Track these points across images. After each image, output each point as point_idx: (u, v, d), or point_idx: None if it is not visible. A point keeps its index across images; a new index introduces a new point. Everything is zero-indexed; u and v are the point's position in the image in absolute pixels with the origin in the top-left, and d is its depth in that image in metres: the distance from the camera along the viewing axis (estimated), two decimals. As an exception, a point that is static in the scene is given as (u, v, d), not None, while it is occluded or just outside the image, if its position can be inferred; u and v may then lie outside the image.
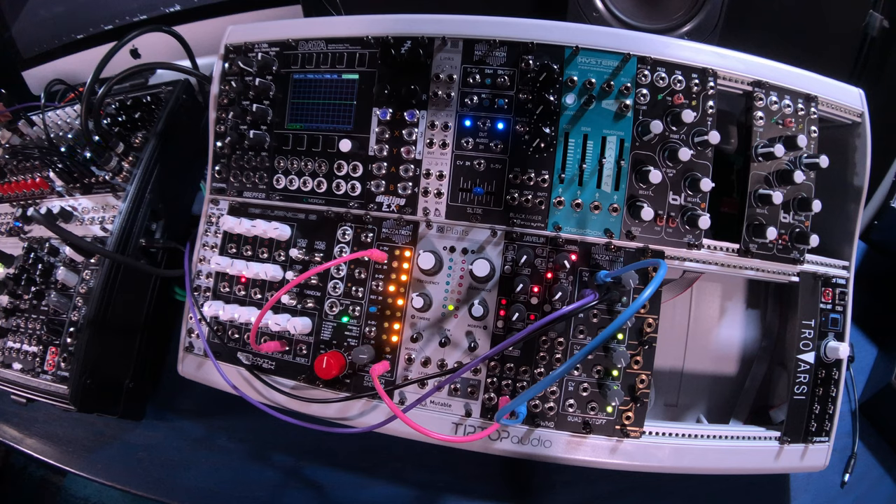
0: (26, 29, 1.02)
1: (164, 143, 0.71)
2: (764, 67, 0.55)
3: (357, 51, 0.58)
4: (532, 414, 0.53)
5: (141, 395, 0.72)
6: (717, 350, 0.63)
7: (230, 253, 0.62)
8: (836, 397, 0.57)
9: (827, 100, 0.57)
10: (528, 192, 0.54)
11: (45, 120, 0.81)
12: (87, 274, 0.65)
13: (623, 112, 0.53)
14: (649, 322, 0.53)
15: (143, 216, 0.68)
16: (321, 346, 0.58)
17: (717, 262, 0.54)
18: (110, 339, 0.65)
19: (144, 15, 0.95)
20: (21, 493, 1.41)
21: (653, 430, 0.54)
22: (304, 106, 0.60)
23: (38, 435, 0.76)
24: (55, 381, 0.63)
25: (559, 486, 0.65)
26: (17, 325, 0.69)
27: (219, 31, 0.65)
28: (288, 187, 0.60)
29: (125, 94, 0.77)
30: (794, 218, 0.55)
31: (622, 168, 0.53)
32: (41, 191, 0.75)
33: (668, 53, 0.53)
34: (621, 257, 0.53)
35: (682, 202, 0.53)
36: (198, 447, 0.71)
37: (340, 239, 0.58)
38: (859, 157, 0.59)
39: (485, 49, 0.55)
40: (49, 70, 1.01)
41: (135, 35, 0.69)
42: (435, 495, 0.66)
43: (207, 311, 0.60)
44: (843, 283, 0.58)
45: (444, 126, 0.55)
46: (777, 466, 0.56)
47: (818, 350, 0.57)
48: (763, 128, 0.55)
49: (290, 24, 0.62)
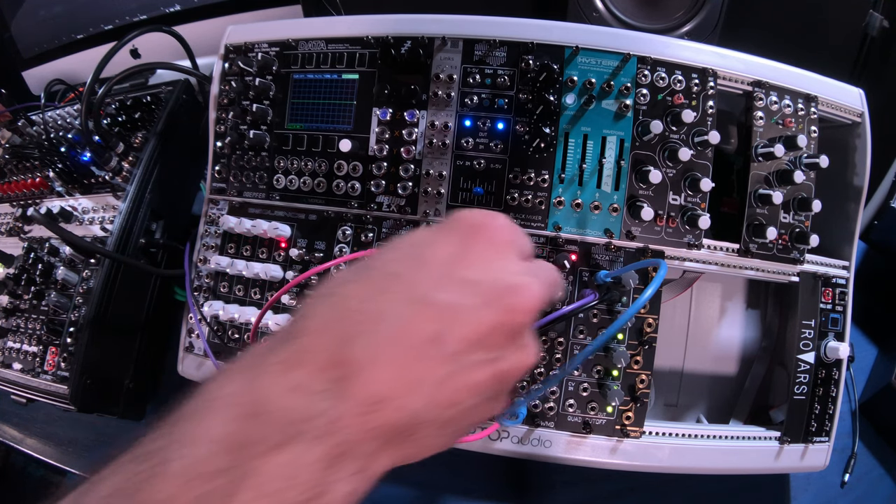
0: (26, 29, 1.02)
1: (164, 143, 0.71)
2: (764, 67, 0.55)
3: (357, 51, 0.58)
4: (532, 414, 0.53)
5: (141, 395, 0.72)
6: (717, 350, 0.63)
7: (230, 253, 0.62)
8: (836, 397, 0.57)
9: (827, 100, 0.57)
10: (528, 192, 0.54)
11: (45, 120, 0.81)
12: (87, 274, 0.65)
13: (623, 112, 0.53)
14: (649, 322, 0.53)
15: (143, 216, 0.68)
16: (321, 346, 0.57)
17: (717, 262, 0.54)
18: (110, 339, 0.65)
19: (144, 15, 0.95)
20: (21, 493, 1.41)
21: (653, 430, 0.54)
22: (304, 106, 0.60)
23: (38, 435, 0.76)
24: (55, 381, 0.63)
25: (559, 486, 0.65)
26: (17, 325, 0.69)
27: (219, 31, 0.65)
28: (288, 187, 0.60)
29: (125, 94, 0.77)
30: (794, 218, 0.55)
31: (622, 168, 0.53)
32: (41, 191, 0.75)
33: (668, 53, 0.53)
34: (621, 257, 0.53)
35: (682, 202, 0.53)
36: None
37: (340, 239, 0.58)
38: (859, 157, 0.59)
39: (485, 49, 0.55)
40: (49, 70, 1.01)
41: (135, 35, 0.69)
42: (435, 495, 0.66)
43: (207, 311, 0.60)
44: (843, 283, 0.58)
45: (444, 126, 0.55)
46: (777, 466, 0.56)
47: (818, 350, 0.57)
48: (763, 128, 0.55)
49: (290, 24, 0.62)
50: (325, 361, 0.24)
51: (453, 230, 0.31)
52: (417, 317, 0.26)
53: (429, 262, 0.28)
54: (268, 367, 0.25)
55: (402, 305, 0.26)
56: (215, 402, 0.24)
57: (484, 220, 0.31)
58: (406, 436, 0.25)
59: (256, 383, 0.24)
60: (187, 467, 0.21)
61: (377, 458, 0.25)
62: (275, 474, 0.22)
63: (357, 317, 0.26)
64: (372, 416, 0.24)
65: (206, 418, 0.23)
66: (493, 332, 0.27)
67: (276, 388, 0.24)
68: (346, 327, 0.26)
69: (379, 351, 0.25)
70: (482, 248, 0.29)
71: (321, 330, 0.26)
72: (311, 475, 0.23)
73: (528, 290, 0.28)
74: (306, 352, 0.25)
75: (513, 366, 0.28)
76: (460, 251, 0.29)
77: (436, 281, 0.27)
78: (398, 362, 0.25)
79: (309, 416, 0.23)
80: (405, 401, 0.25)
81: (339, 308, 0.27)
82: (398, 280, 0.28)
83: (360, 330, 0.25)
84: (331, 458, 0.23)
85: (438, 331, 0.26)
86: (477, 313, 0.27)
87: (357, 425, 0.24)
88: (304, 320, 0.27)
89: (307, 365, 0.24)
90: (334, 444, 0.23)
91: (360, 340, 0.25)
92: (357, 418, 0.24)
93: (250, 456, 0.22)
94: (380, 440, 0.24)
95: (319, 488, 0.23)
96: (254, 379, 0.25)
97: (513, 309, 0.27)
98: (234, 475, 0.21)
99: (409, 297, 0.27)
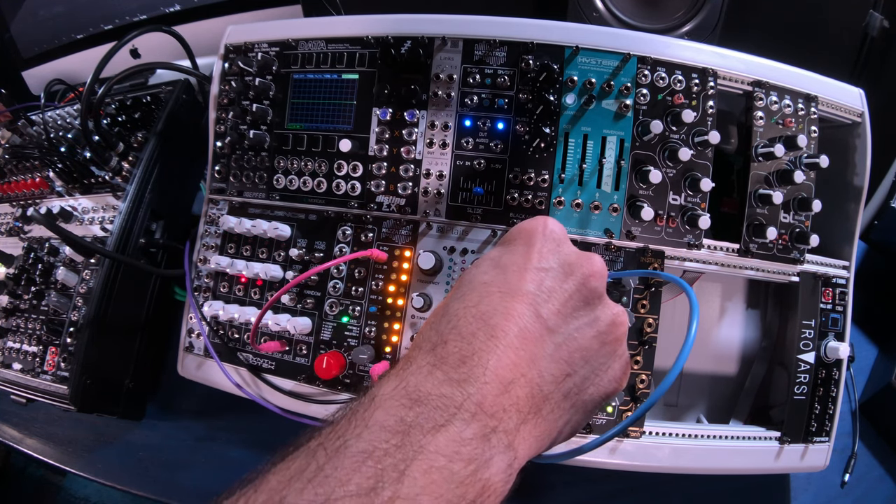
0: (26, 29, 1.02)
1: (164, 143, 0.71)
2: (764, 67, 0.55)
3: (357, 51, 0.58)
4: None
5: (141, 395, 0.72)
6: (717, 350, 0.63)
7: (230, 253, 0.62)
8: (836, 397, 0.57)
9: (827, 100, 0.57)
10: (528, 192, 0.54)
11: (45, 120, 0.81)
12: (87, 274, 0.65)
13: (623, 112, 0.53)
14: (649, 322, 0.53)
15: (143, 216, 0.68)
16: (321, 346, 0.58)
17: (718, 262, 0.54)
18: (110, 339, 0.65)
19: (144, 15, 0.95)
20: (21, 493, 1.41)
21: (653, 430, 0.54)
22: (304, 106, 0.60)
23: (38, 435, 0.76)
24: (55, 381, 0.63)
25: (559, 486, 0.65)
26: (17, 325, 0.69)
27: (219, 31, 0.65)
28: (288, 187, 0.60)
29: (125, 94, 0.77)
30: (794, 218, 0.55)
31: (622, 168, 0.53)
32: (41, 191, 0.75)
33: (669, 53, 0.53)
34: (621, 257, 0.53)
35: (682, 202, 0.53)
36: (198, 447, 0.71)
37: (340, 239, 0.58)
38: (859, 157, 0.59)
39: (485, 49, 0.55)
40: (49, 70, 1.01)
41: (135, 35, 0.69)
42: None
43: (207, 311, 0.60)
44: (843, 283, 0.58)
45: (444, 126, 0.55)
46: (777, 466, 0.56)
47: (818, 350, 0.57)
48: (763, 128, 0.55)
49: (290, 24, 0.62)
50: (457, 360, 0.29)
51: (516, 239, 0.38)
52: (516, 307, 0.32)
53: (508, 266, 0.35)
54: (413, 371, 0.30)
55: (500, 302, 0.32)
56: (377, 400, 0.28)
57: (535, 224, 0.38)
58: (537, 410, 0.30)
59: (409, 382, 0.29)
60: (365, 447, 0.25)
61: (520, 432, 0.29)
62: (441, 449, 0.25)
63: (471, 320, 0.32)
64: (507, 396, 0.29)
65: (372, 411, 0.27)
66: (578, 300, 0.34)
67: (427, 383, 0.29)
68: (464, 331, 0.31)
69: (496, 342, 0.30)
70: (543, 244, 0.36)
71: (447, 340, 0.31)
72: (472, 449, 0.26)
73: (592, 259, 0.36)
74: (441, 356, 0.30)
75: (607, 325, 0.34)
76: (528, 251, 0.36)
77: (519, 276, 0.34)
78: (513, 347, 0.30)
79: (459, 400, 0.28)
80: (528, 377, 0.30)
81: (452, 318, 0.32)
82: (490, 286, 0.34)
83: (475, 329, 0.31)
84: (484, 434, 0.27)
85: (536, 313, 0.32)
86: (559, 288, 0.34)
87: (498, 404, 0.28)
88: (423, 338, 0.32)
89: (445, 364, 0.30)
90: (483, 423, 0.27)
91: (479, 336, 0.30)
92: (497, 398, 0.28)
93: (418, 435, 0.26)
94: (518, 416, 0.29)
95: (480, 460, 0.26)
96: (404, 380, 0.29)
97: (586, 275, 0.34)
98: (406, 452, 0.25)
99: (504, 295, 0.33)
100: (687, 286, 0.39)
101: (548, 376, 0.31)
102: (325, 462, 0.25)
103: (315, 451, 0.25)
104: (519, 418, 0.29)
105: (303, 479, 0.24)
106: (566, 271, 0.34)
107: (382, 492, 0.23)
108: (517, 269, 0.34)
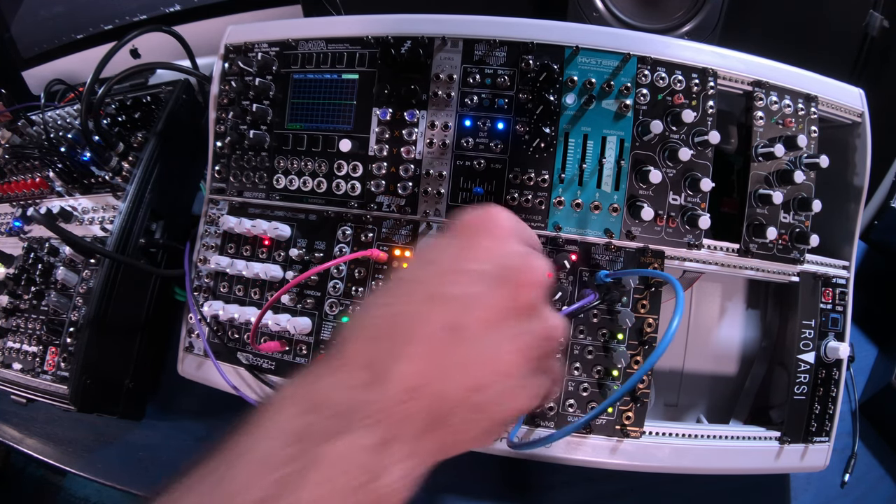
0: (26, 29, 1.02)
1: (164, 143, 0.71)
2: (764, 67, 0.55)
3: (357, 51, 0.58)
4: (532, 414, 0.53)
5: (141, 395, 0.72)
6: (717, 350, 0.63)
7: (229, 253, 0.62)
8: (836, 397, 0.57)
9: (827, 100, 0.57)
10: (528, 192, 0.54)
11: (45, 120, 0.81)
12: (87, 274, 0.65)
13: (623, 112, 0.53)
14: (649, 322, 0.53)
15: (143, 216, 0.68)
16: (321, 346, 0.58)
17: (718, 262, 0.54)
18: (110, 339, 0.65)
19: (144, 15, 0.95)
20: (21, 493, 1.41)
21: (653, 430, 0.54)
22: (304, 106, 0.60)
23: (38, 435, 0.76)
24: (55, 381, 0.63)
25: (559, 486, 0.65)
26: (17, 325, 0.69)
27: (219, 31, 0.65)
28: (288, 187, 0.60)
29: (125, 94, 0.77)
30: (794, 218, 0.55)
31: (622, 168, 0.53)
32: (41, 191, 0.75)
33: (669, 53, 0.53)
34: (621, 257, 0.53)
35: (682, 202, 0.53)
36: (198, 447, 0.71)
37: (340, 239, 0.58)
38: (859, 157, 0.59)
39: (485, 49, 0.55)
40: (49, 70, 1.01)
41: (135, 35, 0.69)
42: (434, 495, 0.66)
43: (207, 311, 0.60)
44: (843, 283, 0.58)
45: (444, 126, 0.55)
46: (777, 466, 0.56)
47: (818, 350, 0.57)
48: (763, 128, 0.55)
49: (290, 24, 0.62)
50: (363, 362, 0.28)
51: (456, 232, 0.34)
52: (435, 311, 0.29)
53: (439, 264, 0.32)
54: (320, 372, 0.29)
55: (420, 304, 0.30)
56: (283, 402, 0.28)
57: (482, 216, 0.34)
58: (443, 420, 0.28)
59: (313, 386, 0.28)
60: (262, 457, 0.25)
61: (422, 441, 0.28)
62: (337, 459, 0.25)
63: (385, 321, 0.30)
64: (410, 404, 0.27)
65: (274, 415, 0.27)
66: (507, 311, 0.30)
67: (327, 387, 0.28)
68: (376, 331, 0.30)
69: (406, 347, 0.28)
70: (484, 241, 0.33)
71: (357, 338, 0.30)
72: (367, 459, 0.25)
73: (531, 266, 0.32)
74: (347, 357, 0.29)
75: (536, 339, 0.31)
76: (465, 248, 0.33)
77: (446, 277, 0.31)
78: (425, 353, 0.28)
79: (358, 407, 0.26)
80: (436, 386, 0.28)
81: (370, 317, 0.31)
82: (415, 284, 0.32)
83: (388, 332, 0.29)
84: (382, 443, 0.26)
85: (456, 320, 0.29)
86: (488, 297, 0.30)
87: (400, 412, 0.27)
88: (345, 334, 0.31)
89: (349, 367, 0.28)
90: (383, 431, 0.26)
91: (389, 340, 0.29)
92: (399, 406, 0.27)
93: (314, 444, 0.25)
94: (421, 424, 0.27)
95: (376, 471, 0.26)
96: (311, 383, 0.29)
97: (521, 285, 0.31)
98: (303, 462, 0.24)
99: (425, 296, 0.30)
100: (671, 277, 0.38)
101: (458, 387, 0.28)
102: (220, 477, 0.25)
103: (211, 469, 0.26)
104: (421, 428, 0.27)
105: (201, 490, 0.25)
106: (500, 277, 0.31)
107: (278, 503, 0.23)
108: (445, 270, 0.32)
